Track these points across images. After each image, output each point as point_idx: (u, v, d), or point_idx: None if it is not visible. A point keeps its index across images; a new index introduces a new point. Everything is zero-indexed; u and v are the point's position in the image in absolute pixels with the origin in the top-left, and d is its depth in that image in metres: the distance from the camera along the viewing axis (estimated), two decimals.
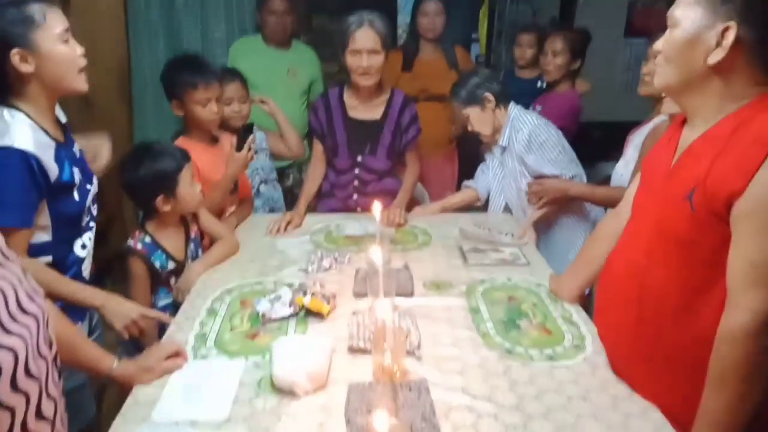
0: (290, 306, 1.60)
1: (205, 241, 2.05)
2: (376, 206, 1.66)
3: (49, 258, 1.49)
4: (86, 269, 1.61)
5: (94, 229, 1.64)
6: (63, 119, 1.59)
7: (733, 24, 1.09)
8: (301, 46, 3.17)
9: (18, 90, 1.40)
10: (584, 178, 2.33)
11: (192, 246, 1.93)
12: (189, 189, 1.83)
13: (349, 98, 2.40)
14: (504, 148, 2.34)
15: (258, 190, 2.65)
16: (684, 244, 1.19)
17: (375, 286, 1.45)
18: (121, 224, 3.22)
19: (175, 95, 2.11)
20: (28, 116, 1.40)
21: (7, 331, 0.85)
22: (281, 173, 3.07)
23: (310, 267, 1.91)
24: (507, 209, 2.46)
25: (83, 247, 1.58)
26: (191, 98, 2.08)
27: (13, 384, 0.84)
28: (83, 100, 2.13)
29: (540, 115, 2.39)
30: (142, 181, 1.76)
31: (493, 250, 2.03)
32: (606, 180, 2.59)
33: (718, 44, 1.11)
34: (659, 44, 1.24)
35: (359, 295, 1.71)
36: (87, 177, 1.60)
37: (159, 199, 1.78)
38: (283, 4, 2.91)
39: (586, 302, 1.69)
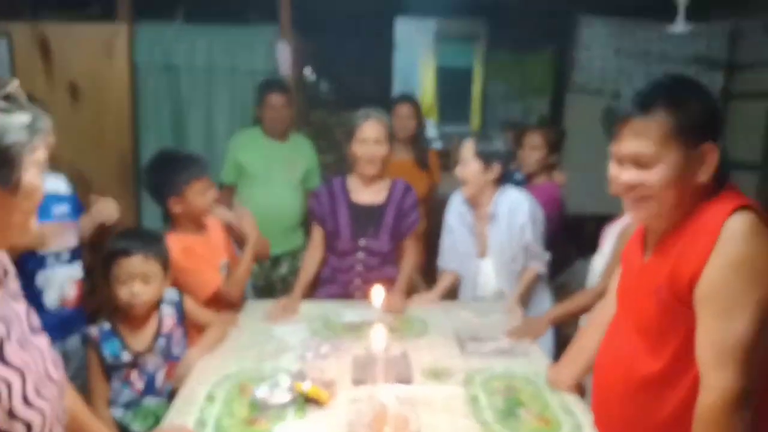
0: (289, 392, 1.60)
1: (191, 332, 2.00)
2: (377, 291, 1.69)
3: None
4: (49, 299, 2.06)
5: (63, 272, 2.09)
6: (60, 188, 2.11)
7: (711, 145, 1.19)
8: (299, 138, 3.27)
9: None
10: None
11: (162, 341, 1.86)
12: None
13: (352, 184, 2.49)
14: (492, 216, 2.39)
15: None
16: (659, 334, 1.26)
17: (374, 373, 1.47)
18: None
19: (176, 192, 2.07)
20: None
21: (40, 395, 0.93)
22: (275, 261, 3.08)
23: (307, 354, 1.91)
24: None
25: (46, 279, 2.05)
26: (194, 190, 2.09)
27: None
28: (86, 186, 2.28)
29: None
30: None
31: (490, 339, 2.05)
32: None
33: (702, 162, 1.20)
34: (629, 179, 1.24)
35: (358, 382, 1.71)
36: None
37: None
38: (280, 100, 3.02)
39: (582, 391, 1.70)
